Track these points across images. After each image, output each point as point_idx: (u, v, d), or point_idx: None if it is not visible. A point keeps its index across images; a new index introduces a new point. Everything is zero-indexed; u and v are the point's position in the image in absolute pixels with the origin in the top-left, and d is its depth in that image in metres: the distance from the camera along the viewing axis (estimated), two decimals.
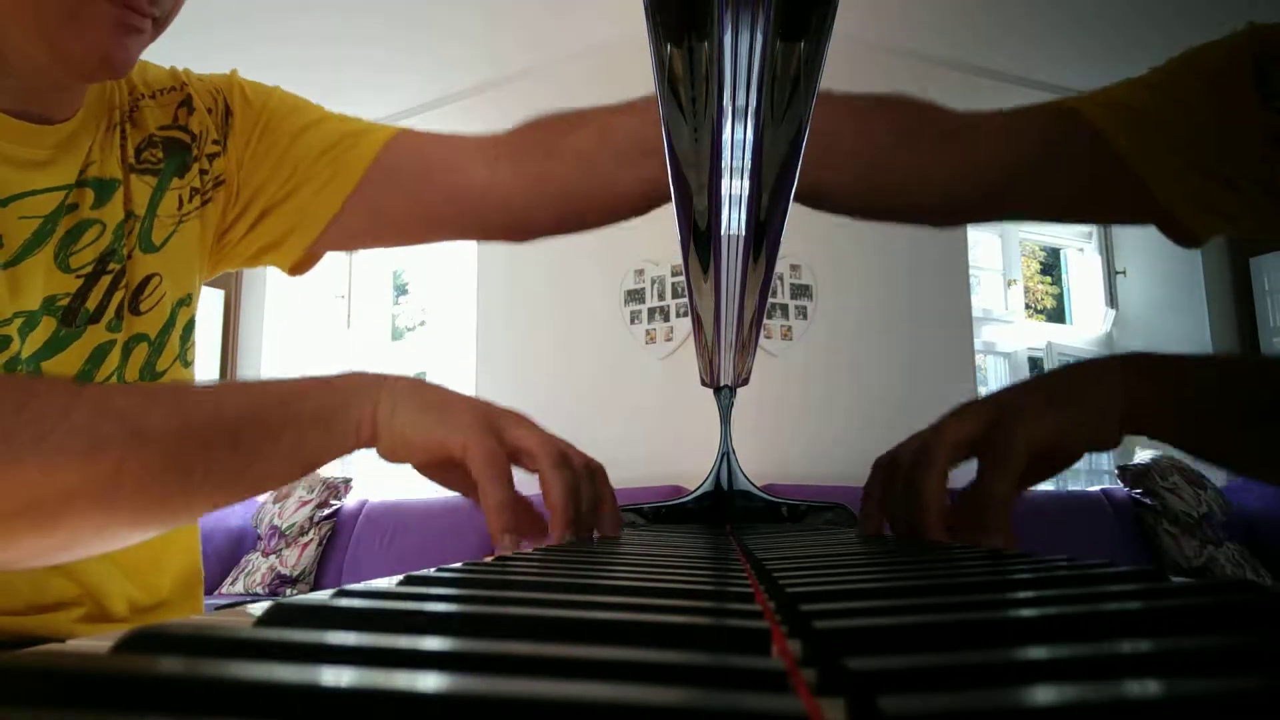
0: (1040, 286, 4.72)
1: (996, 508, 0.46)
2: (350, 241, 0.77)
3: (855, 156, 0.70)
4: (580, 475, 0.53)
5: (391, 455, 0.51)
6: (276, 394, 0.51)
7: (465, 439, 0.50)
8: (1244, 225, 0.64)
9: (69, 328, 0.61)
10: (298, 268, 0.78)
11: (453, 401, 0.52)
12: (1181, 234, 0.66)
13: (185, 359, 0.71)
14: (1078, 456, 0.51)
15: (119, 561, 0.66)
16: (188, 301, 0.71)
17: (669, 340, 3.12)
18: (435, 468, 0.53)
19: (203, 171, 0.70)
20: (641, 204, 0.75)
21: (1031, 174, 0.69)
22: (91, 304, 0.62)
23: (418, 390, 0.52)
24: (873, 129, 0.71)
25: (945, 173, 0.71)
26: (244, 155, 0.73)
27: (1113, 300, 4.27)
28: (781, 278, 3.05)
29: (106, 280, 0.63)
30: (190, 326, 0.72)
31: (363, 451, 0.52)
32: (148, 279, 0.66)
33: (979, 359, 3.93)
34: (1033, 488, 0.52)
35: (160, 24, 0.59)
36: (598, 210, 0.77)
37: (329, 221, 0.75)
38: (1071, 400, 0.49)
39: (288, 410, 0.50)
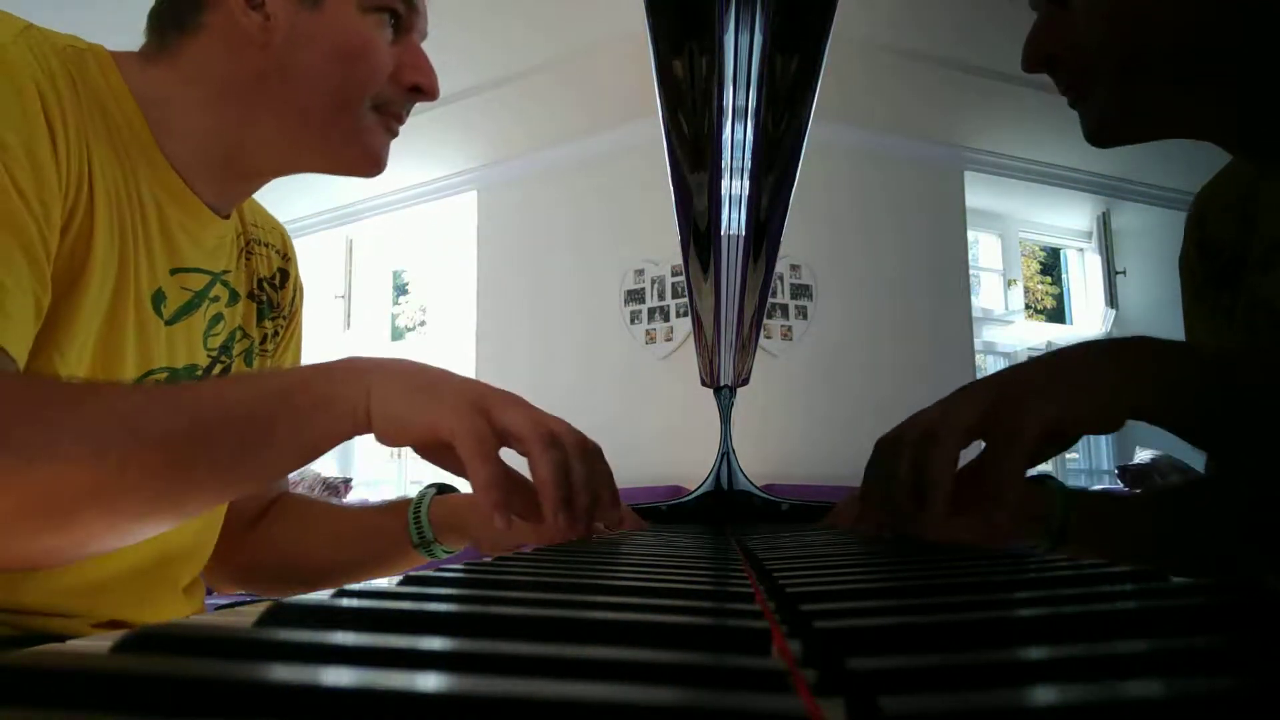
0: (1040, 286, 4.72)
1: (1008, 483, 0.45)
2: None
3: None
4: (572, 454, 0.52)
5: (387, 438, 0.51)
6: (277, 386, 0.53)
7: (451, 420, 0.50)
8: None
9: None
10: None
11: (442, 383, 0.53)
12: None
13: None
14: (1076, 437, 0.51)
15: (128, 582, 0.67)
16: None
17: (669, 340, 3.12)
18: (430, 449, 0.53)
19: (275, 333, 0.80)
20: None
21: None
22: None
23: (409, 372, 0.53)
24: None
25: None
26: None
27: (1113, 300, 4.27)
28: (781, 278, 3.05)
29: (219, 368, 0.73)
30: None
31: (362, 452, 0.52)
32: None
33: (979, 359, 3.93)
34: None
35: None
36: None
37: None
38: (1074, 380, 0.49)
39: (289, 401, 0.51)
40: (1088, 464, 4.43)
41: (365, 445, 3.67)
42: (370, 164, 0.68)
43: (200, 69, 0.63)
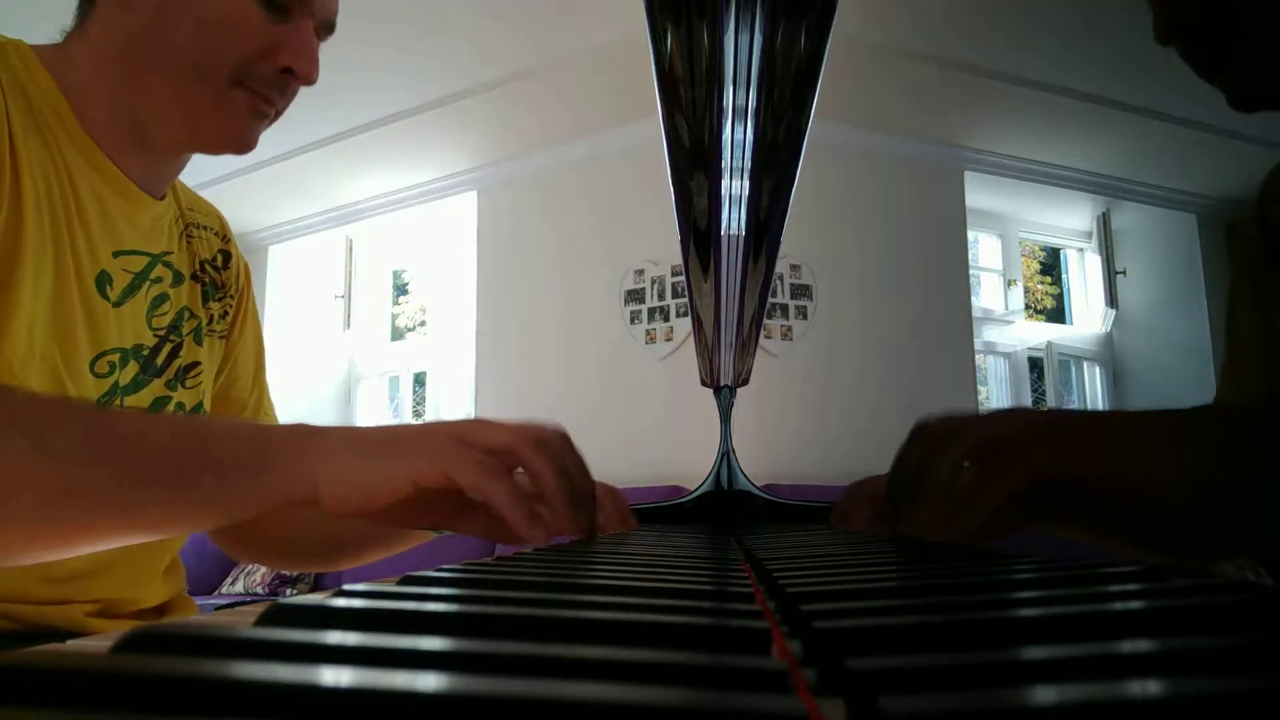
0: (1040, 286, 4.72)
1: (974, 499, 0.43)
2: None
3: None
4: (562, 451, 0.51)
5: (345, 507, 0.47)
6: (204, 434, 0.49)
7: (440, 462, 0.47)
8: None
9: (144, 374, 0.71)
10: None
11: (404, 434, 0.49)
12: None
13: None
14: (1101, 491, 0.46)
15: (116, 566, 0.68)
16: (201, 409, 0.78)
17: (669, 340, 3.12)
18: (401, 508, 0.48)
19: (225, 314, 0.81)
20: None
21: None
22: (159, 360, 0.73)
23: (360, 436, 0.49)
24: None
25: None
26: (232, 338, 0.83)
27: (1113, 300, 4.27)
28: (781, 278, 3.05)
29: (169, 347, 0.73)
30: None
31: None
32: (195, 364, 0.76)
33: (979, 359, 3.93)
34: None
35: (278, 114, 0.69)
36: None
37: None
38: (1112, 443, 0.46)
39: (212, 452, 0.47)
40: None
41: None
42: (232, 141, 0.67)
43: (98, 40, 0.64)
